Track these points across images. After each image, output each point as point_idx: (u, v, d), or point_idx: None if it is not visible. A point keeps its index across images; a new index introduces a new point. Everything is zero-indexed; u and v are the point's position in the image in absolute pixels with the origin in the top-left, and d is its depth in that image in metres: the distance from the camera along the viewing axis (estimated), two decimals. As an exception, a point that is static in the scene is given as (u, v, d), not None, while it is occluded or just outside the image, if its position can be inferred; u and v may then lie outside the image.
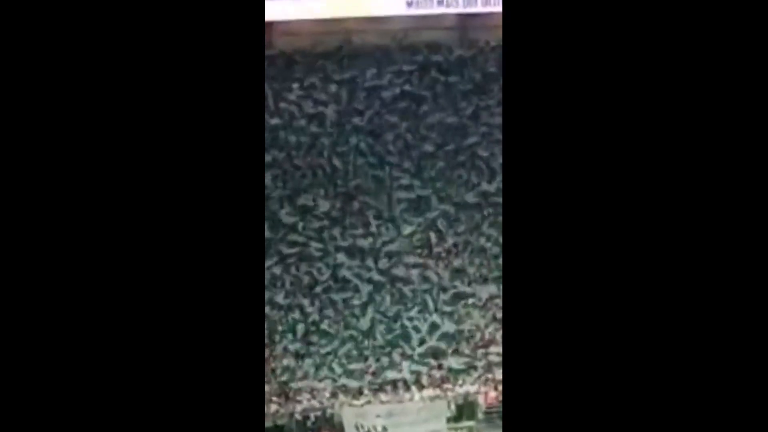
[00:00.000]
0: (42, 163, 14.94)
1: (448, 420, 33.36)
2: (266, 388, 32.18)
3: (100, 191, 14.94)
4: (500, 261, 36.77)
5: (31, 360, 14.66)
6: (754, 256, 14.54)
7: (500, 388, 34.02)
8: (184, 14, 15.21)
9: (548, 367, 14.58)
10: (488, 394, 34.09)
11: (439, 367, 34.58)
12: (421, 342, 35.15)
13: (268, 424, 31.72)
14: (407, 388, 33.97)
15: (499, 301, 35.94)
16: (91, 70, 15.14)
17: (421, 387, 34.02)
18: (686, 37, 14.91)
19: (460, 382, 34.20)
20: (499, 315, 35.61)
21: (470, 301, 36.15)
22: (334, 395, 33.69)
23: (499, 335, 35.08)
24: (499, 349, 34.77)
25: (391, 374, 34.21)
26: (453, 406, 33.84)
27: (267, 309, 33.77)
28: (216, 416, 14.87)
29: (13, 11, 14.99)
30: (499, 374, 34.29)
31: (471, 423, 33.58)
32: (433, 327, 35.44)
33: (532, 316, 14.67)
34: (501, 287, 36.17)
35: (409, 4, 38.12)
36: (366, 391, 33.70)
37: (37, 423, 14.61)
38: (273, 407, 32.94)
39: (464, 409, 33.87)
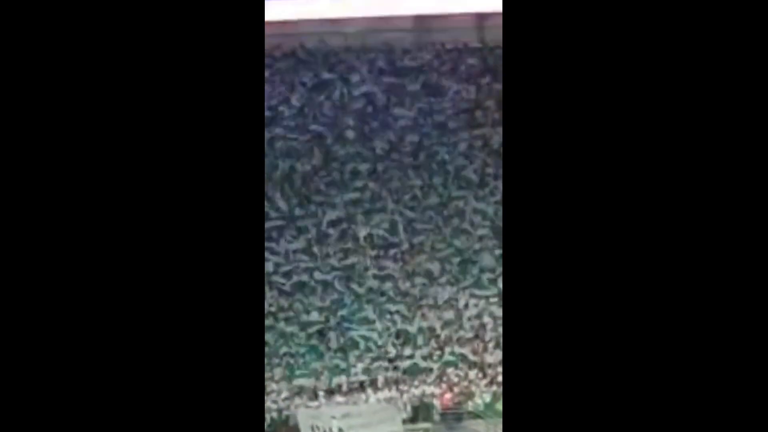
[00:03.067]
0: (35, 163, 14.89)
1: (404, 421, 33.12)
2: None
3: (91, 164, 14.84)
4: (455, 262, 36.84)
5: (30, 358, 14.61)
6: (754, 257, 14.57)
7: (456, 390, 34.00)
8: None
9: (547, 371, 14.55)
10: (444, 395, 33.97)
11: (395, 368, 34.46)
12: (377, 343, 35.01)
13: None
14: (362, 389, 33.79)
15: (455, 303, 36.02)
16: (86, 65, 15.06)
17: (376, 388, 33.86)
18: (687, 36, 14.91)
19: (415, 383, 34.05)
20: (453, 315, 35.65)
21: (426, 302, 36.05)
22: (289, 397, 33.46)
23: (455, 336, 35.11)
24: (454, 349, 34.81)
25: (346, 375, 34.04)
26: (409, 408, 33.66)
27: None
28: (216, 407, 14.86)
29: (13, 10, 15.00)
30: (454, 376, 34.28)
31: (427, 425, 33.40)
32: (389, 328, 35.33)
33: (530, 320, 14.63)
34: (456, 289, 36.35)
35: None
36: (321, 393, 33.48)
37: (36, 422, 14.60)
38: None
39: (420, 411, 33.70)
